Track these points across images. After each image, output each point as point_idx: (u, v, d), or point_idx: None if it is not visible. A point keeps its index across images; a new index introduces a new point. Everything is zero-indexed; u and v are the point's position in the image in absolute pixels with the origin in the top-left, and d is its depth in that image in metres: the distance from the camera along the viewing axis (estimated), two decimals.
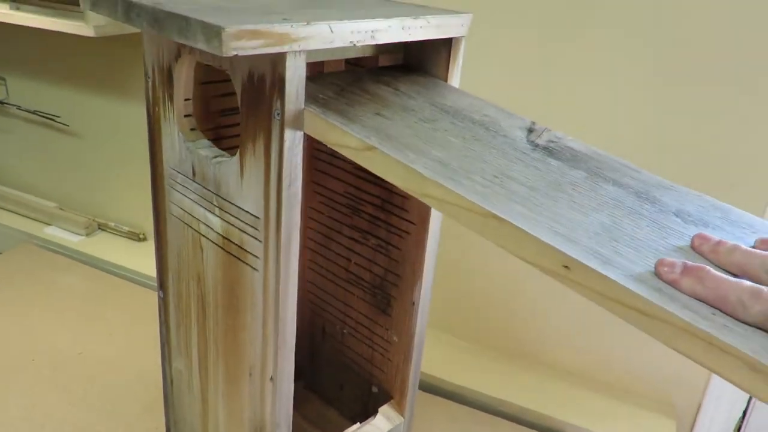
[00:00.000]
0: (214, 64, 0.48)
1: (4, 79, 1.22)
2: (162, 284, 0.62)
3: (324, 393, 0.79)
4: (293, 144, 0.44)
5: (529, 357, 0.91)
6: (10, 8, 0.95)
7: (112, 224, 1.21)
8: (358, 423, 0.64)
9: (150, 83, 0.54)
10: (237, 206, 0.49)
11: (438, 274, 0.60)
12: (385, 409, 0.67)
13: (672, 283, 0.32)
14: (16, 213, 1.26)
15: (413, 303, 0.61)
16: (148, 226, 1.19)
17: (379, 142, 0.42)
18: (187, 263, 0.57)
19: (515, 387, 0.87)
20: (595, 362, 0.87)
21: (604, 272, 0.32)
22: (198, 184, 0.52)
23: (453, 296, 0.93)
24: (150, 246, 1.18)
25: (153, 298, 1.03)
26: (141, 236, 1.19)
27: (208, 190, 0.51)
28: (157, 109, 0.55)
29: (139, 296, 1.04)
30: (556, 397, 0.85)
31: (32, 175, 1.28)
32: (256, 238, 0.48)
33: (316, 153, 0.69)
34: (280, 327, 0.50)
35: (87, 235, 1.19)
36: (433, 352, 0.92)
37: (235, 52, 0.39)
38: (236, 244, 0.50)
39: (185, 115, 0.53)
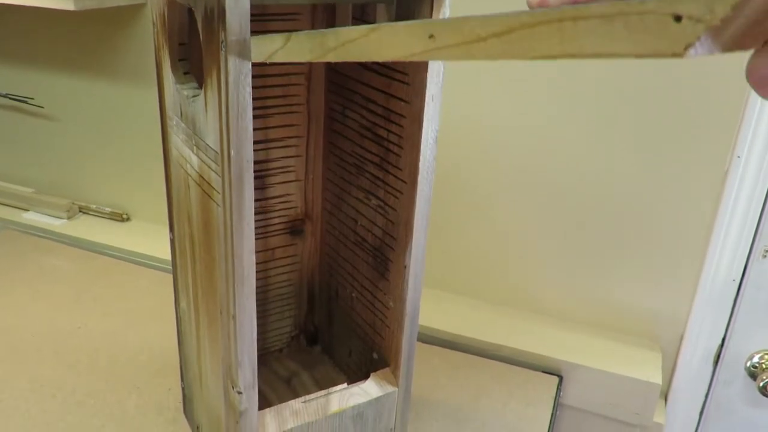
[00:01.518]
0: (187, 4, 0.49)
1: None
2: (171, 226, 0.64)
3: (336, 358, 0.81)
4: (238, 76, 0.45)
5: (520, 303, 0.96)
6: None
7: (93, 206, 1.20)
8: (346, 384, 0.64)
9: (154, 30, 0.56)
10: (204, 142, 0.50)
11: (430, 235, 0.59)
12: (377, 375, 0.66)
13: (542, 4, 0.29)
14: None
15: (405, 266, 0.61)
16: (131, 207, 1.19)
17: (304, 32, 0.41)
18: (182, 203, 0.59)
19: (510, 332, 0.91)
20: (583, 303, 0.92)
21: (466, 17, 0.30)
22: (184, 124, 0.54)
23: (443, 254, 0.96)
24: (134, 225, 1.18)
25: (142, 274, 1.04)
26: (124, 216, 1.18)
27: (189, 129, 0.53)
28: (159, 54, 0.56)
29: (129, 273, 1.04)
30: (548, 338, 0.90)
31: (5, 161, 1.26)
32: (217, 173, 0.49)
33: (332, 113, 0.71)
34: (236, 263, 0.50)
35: (68, 218, 1.18)
36: (430, 305, 0.95)
37: None
38: (206, 181, 0.51)
39: (179, 59, 0.55)
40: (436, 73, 0.53)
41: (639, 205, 0.84)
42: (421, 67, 0.53)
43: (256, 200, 0.73)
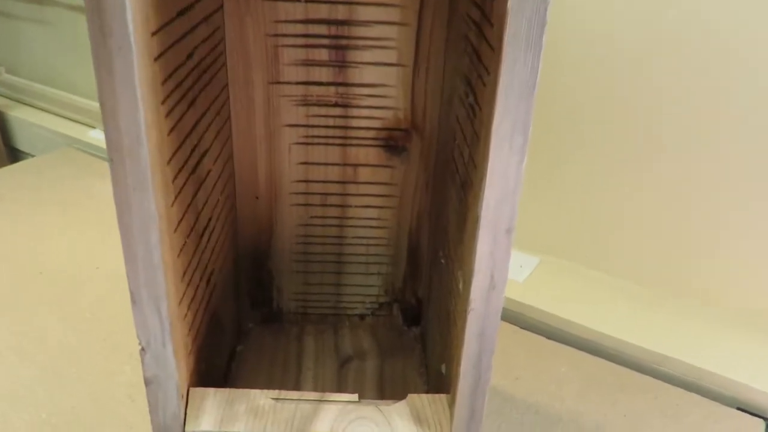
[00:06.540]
0: None
1: None
2: None
3: (428, 352, 0.54)
4: None
5: (707, 304, 0.65)
6: None
7: None
8: (357, 397, 0.38)
9: None
10: None
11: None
12: (419, 400, 0.38)
13: None
14: (60, 115, 1.11)
15: (476, 216, 0.32)
16: None
17: None
18: None
19: (688, 342, 0.62)
20: None
21: None
22: None
23: (598, 225, 0.67)
24: None
25: None
26: None
27: None
28: None
29: None
30: (752, 360, 0.59)
31: (78, 72, 1.12)
32: None
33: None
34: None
35: None
36: (568, 288, 0.68)
37: None
38: None
39: None
40: None
41: None
42: None
43: (330, 83, 0.47)
